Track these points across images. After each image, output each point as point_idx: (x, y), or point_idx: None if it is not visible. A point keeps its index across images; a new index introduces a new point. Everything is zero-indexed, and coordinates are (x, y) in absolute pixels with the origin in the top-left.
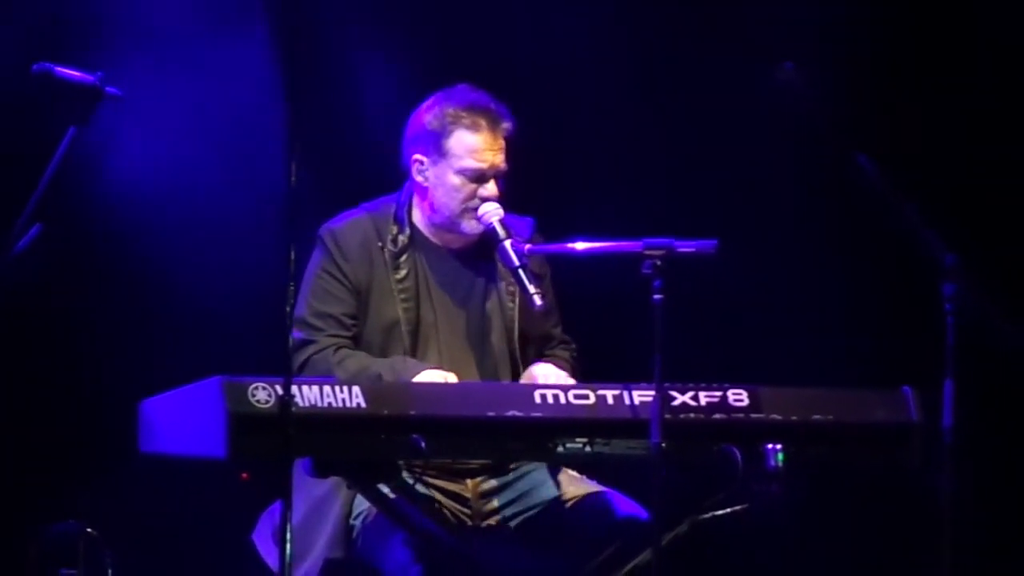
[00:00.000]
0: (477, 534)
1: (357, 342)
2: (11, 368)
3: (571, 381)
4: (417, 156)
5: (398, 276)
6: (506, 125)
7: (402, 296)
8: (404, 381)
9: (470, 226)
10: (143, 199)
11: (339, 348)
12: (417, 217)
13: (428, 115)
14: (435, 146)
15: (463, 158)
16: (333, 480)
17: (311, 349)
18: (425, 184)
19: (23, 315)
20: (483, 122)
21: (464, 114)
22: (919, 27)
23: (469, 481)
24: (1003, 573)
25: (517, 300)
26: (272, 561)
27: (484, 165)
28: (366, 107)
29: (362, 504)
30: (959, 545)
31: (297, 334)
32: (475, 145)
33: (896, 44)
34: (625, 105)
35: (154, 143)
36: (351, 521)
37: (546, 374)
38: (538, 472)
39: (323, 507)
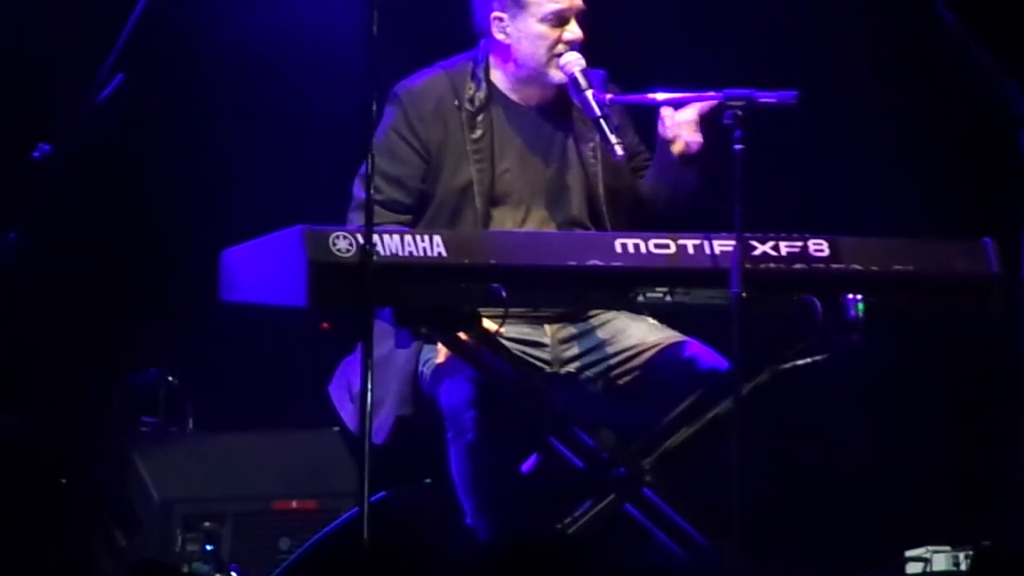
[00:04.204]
0: (555, 380)
1: (425, 204)
2: (95, 217)
3: None
4: (496, 14)
5: (474, 136)
6: None
7: (476, 157)
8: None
9: (555, 75)
10: (227, 49)
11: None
12: (495, 75)
13: None
14: (512, 0)
15: (543, 4)
16: None
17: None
18: (507, 41)
19: (108, 166)
20: None
21: None
22: None
23: (548, 327)
24: None
25: (599, 154)
26: (346, 415)
27: (564, 5)
28: None
29: (430, 352)
30: None
31: (357, 191)
32: None
33: None
34: None
35: None
36: (420, 368)
37: None
38: (618, 320)
39: (391, 365)
